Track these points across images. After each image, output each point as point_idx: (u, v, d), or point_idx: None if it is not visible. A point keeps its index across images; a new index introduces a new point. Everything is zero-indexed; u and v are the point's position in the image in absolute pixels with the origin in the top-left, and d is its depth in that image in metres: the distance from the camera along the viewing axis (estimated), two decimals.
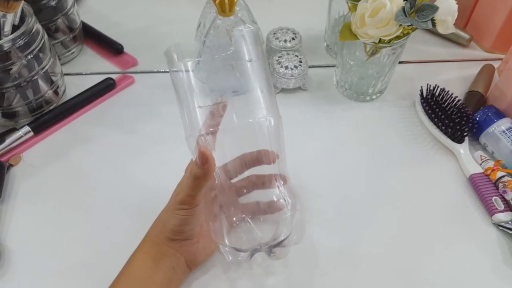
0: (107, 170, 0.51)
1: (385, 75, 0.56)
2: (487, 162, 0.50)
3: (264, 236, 0.37)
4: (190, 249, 0.39)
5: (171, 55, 0.36)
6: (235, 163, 0.39)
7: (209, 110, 0.36)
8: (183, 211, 0.36)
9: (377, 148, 0.53)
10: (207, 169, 0.34)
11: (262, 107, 0.36)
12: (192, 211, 0.36)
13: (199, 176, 0.34)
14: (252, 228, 0.37)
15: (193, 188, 0.35)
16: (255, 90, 0.36)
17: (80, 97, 0.58)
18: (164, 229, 0.38)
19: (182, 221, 0.37)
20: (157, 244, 0.38)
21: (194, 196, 0.36)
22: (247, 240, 0.37)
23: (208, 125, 0.36)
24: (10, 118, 0.55)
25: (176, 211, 0.37)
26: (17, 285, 0.42)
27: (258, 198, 0.39)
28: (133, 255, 0.38)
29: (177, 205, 0.36)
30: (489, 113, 0.52)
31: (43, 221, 0.46)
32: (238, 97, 0.37)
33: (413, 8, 0.46)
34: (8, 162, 0.51)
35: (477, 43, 0.67)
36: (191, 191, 0.35)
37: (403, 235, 0.45)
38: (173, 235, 0.38)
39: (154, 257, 0.37)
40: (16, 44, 0.49)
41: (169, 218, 0.37)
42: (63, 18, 0.61)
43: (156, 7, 0.74)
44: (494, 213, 0.45)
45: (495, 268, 0.42)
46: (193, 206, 0.36)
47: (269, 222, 0.37)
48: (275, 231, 0.37)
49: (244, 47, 0.36)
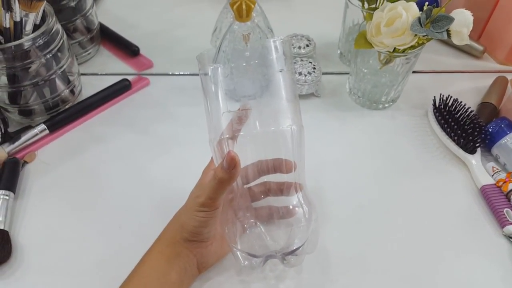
0: (121, 170, 0.52)
1: (398, 84, 0.56)
2: (499, 174, 0.50)
3: (276, 243, 0.37)
4: (203, 251, 0.39)
5: (204, 59, 0.37)
6: (252, 169, 0.39)
7: (235, 115, 0.36)
8: (204, 213, 0.36)
9: (389, 157, 0.53)
10: (234, 173, 0.34)
11: (287, 116, 0.37)
12: (212, 214, 0.36)
13: (224, 180, 0.34)
14: (264, 235, 0.37)
15: (216, 191, 0.35)
16: (282, 99, 0.37)
17: (96, 97, 0.59)
18: (182, 229, 0.38)
19: (202, 223, 0.37)
20: (172, 244, 0.38)
21: (216, 199, 0.36)
22: (259, 247, 0.37)
23: (232, 129, 0.36)
24: (27, 115, 0.56)
25: (196, 212, 0.37)
26: (29, 281, 0.42)
27: (273, 204, 0.39)
28: (147, 254, 0.38)
29: (197, 207, 0.36)
30: (502, 125, 0.52)
31: (56, 218, 0.47)
32: (264, 104, 0.38)
33: (429, 19, 0.47)
34: (23, 159, 0.52)
35: (491, 55, 0.67)
36: (214, 194, 0.35)
37: (414, 244, 0.45)
38: (191, 236, 0.38)
39: (168, 256, 0.38)
40: (36, 43, 0.50)
41: (188, 219, 0.37)
42: (81, 19, 0.62)
43: (172, 11, 0.75)
44: (506, 225, 0.45)
45: (506, 279, 0.42)
46: (213, 209, 0.36)
47: (283, 229, 0.37)
48: (287, 239, 0.37)
49: (275, 57, 0.37)
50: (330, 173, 0.51)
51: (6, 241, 0.43)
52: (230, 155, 0.33)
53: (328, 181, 0.50)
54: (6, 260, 0.43)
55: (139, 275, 0.37)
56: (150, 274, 0.37)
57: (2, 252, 0.43)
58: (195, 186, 0.40)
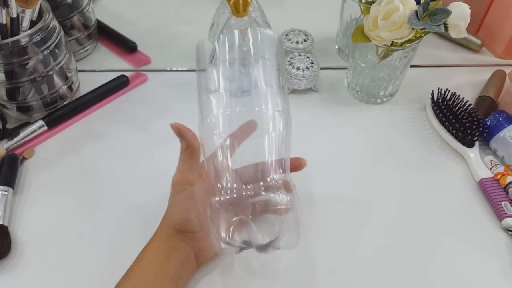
0: (119, 166, 0.52)
1: (396, 78, 0.56)
2: (497, 167, 0.50)
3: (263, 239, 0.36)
4: (199, 244, 0.39)
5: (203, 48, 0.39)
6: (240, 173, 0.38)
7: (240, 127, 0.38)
8: (182, 194, 0.38)
9: (387, 151, 0.53)
10: (187, 139, 0.37)
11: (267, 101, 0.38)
12: (190, 193, 0.38)
13: (184, 148, 0.37)
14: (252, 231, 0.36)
15: (184, 162, 0.38)
16: (261, 85, 0.38)
17: (94, 93, 0.58)
18: (170, 220, 0.39)
19: (183, 207, 0.38)
20: (168, 239, 0.38)
21: (188, 171, 0.38)
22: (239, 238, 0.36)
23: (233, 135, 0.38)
24: (25, 112, 0.56)
25: (175, 196, 0.38)
26: (28, 276, 0.42)
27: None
28: (144, 251, 0.39)
29: (174, 188, 0.38)
30: (500, 118, 0.52)
31: (55, 214, 0.47)
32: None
33: (426, 12, 0.47)
34: (21, 155, 0.52)
35: (489, 49, 0.67)
36: (183, 166, 0.38)
37: (412, 237, 0.45)
38: (181, 225, 0.38)
39: (165, 251, 0.38)
40: (33, 39, 0.50)
41: (171, 208, 0.39)
42: (78, 15, 0.62)
43: (170, 7, 0.75)
44: (504, 217, 0.45)
45: (504, 272, 0.42)
46: (189, 185, 0.38)
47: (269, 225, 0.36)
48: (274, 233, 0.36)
49: (259, 45, 0.38)
50: (328, 167, 0.51)
51: (6, 236, 0.44)
52: (173, 126, 0.37)
53: (325, 175, 0.50)
54: (5, 255, 0.43)
55: (137, 271, 0.37)
56: (147, 269, 0.37)
57: (2, 247, 0.43)
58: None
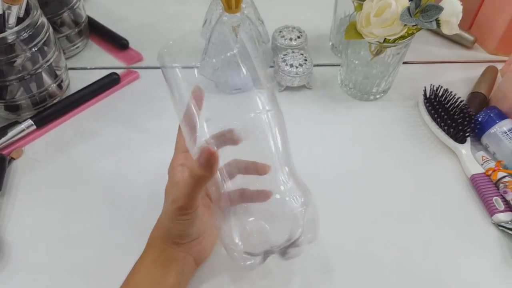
0: (110, 165, 0.51)
1: (389, 75, 0.56)
2: (488, 163, 0.50)
3: (278, 237, 0.35)
4: (198, 248, 0.38)
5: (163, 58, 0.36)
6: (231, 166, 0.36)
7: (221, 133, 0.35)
8: (186, 216, 0.34)
9: (380, 147, 0.53)
10: (213, 170, 0.31)
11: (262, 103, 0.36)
12: (194, 214, 0.34)
13: (203, 177, 0.32)
14: (266, 230, 0.34)
15: (194, 189, 0.32)
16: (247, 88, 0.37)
17: (84, 91, 0.58)
18: (170, 235, 0.36)
19: (186, 225, 0.35)
20: (165, 251, 0.36)
21: (195, 198, 0.33)
22: (259, 243, 0.35)
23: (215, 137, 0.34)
24: (13, 111, 0.55)
25: (178, 217, 0.34)
26: (16, 279, 0.42)
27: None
28: (140, 263, 0.36)
29: (177, 211, 0.34)
30: (491, 114, 0.53)
31: (44, 215, 0.46)
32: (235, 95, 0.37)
33: (418, 8, 0.46)
34: (9, 156, 0.51)
35: (481, 45, 0.67)
36: (192, 193, 0.33)
37: (403, 233, 0.45)
38: (181, 239, 0.36)
39: (163, 263, 0.36)
40: (20, 36, 0.49)
41: (172, 224, 0.35)
42: (68, 12, 0.61)
43: (162, 3, 0.74)
44: (495, 213, 0.46)
45: (495, 267, 0.43)
46: (194, 210, 0.34)
47: (283, 221, 0.35)
48: (290, 230, 0.35)
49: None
50: (321, 164, 0.51)
51: None
52: (208, 150, 0.30)
53: (318, 172, 0.50)
54: None
55: (134, 285, 0.35)
56: (144, 283, 0.35)
57: None
58: (168, 186, 0.38)
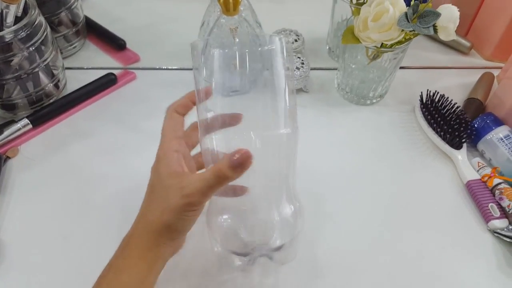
0: (106, 165, 0.51)
1: (386, 79, 0.56)
2: (484, 169, 0.50)
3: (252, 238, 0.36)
4: (180, 241, 0.37)
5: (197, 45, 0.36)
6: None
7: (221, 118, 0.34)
8: (192, 212, 0.33)
9: (376, 152, 0.53)
10: (241, 172, 0.31)
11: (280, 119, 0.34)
12: (200, 210, 0.34)
13: (228, 178, 0.31)
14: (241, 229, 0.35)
15: (212, 188, 0.32)
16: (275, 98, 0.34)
17: (81, 91, 0.57)
18: (168, 231, 0.35)
19: (188, 221, 0.34)
20: (156, 247, 0.35)
21: (209, 196, 0.33)
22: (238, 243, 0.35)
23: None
24: (9, 110, 0.55)
25: (185, 213, 0.33)
26: (12, 278, 0.41)
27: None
28: (125, 262, 0.35)
29: (186, 207, 0.33)
30: (488, 120, 0.53)
31: (39, 215, 0.46)
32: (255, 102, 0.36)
33: (415, 14, 0.47)
34: (5, 154, 0.51)
35: (478, 51, 0.67)
36: (208, 191, 0.32)
37: (399, 239, 0.45)
38: (179, 235, 0.36)
39: (149, 262, 0.35)
40: (18, 35, 0.49)
41: (176, 220, 0.34)
42: (66, 11, 0.61)
43: (159, 4, 0.74)
44: (490, 219, 0.46)
45: (490, 274, 0.43)
46: (202, 205, 0.34)
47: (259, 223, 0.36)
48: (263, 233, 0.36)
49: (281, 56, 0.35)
50: (317, 168, 0.51)
51: None
52: (247, 153, 0.30)
53: (314, 176, 0.50)
54: None
55: (118, 285, 0.34)
56: (128, 284, 0.34)
57: None
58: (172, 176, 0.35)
